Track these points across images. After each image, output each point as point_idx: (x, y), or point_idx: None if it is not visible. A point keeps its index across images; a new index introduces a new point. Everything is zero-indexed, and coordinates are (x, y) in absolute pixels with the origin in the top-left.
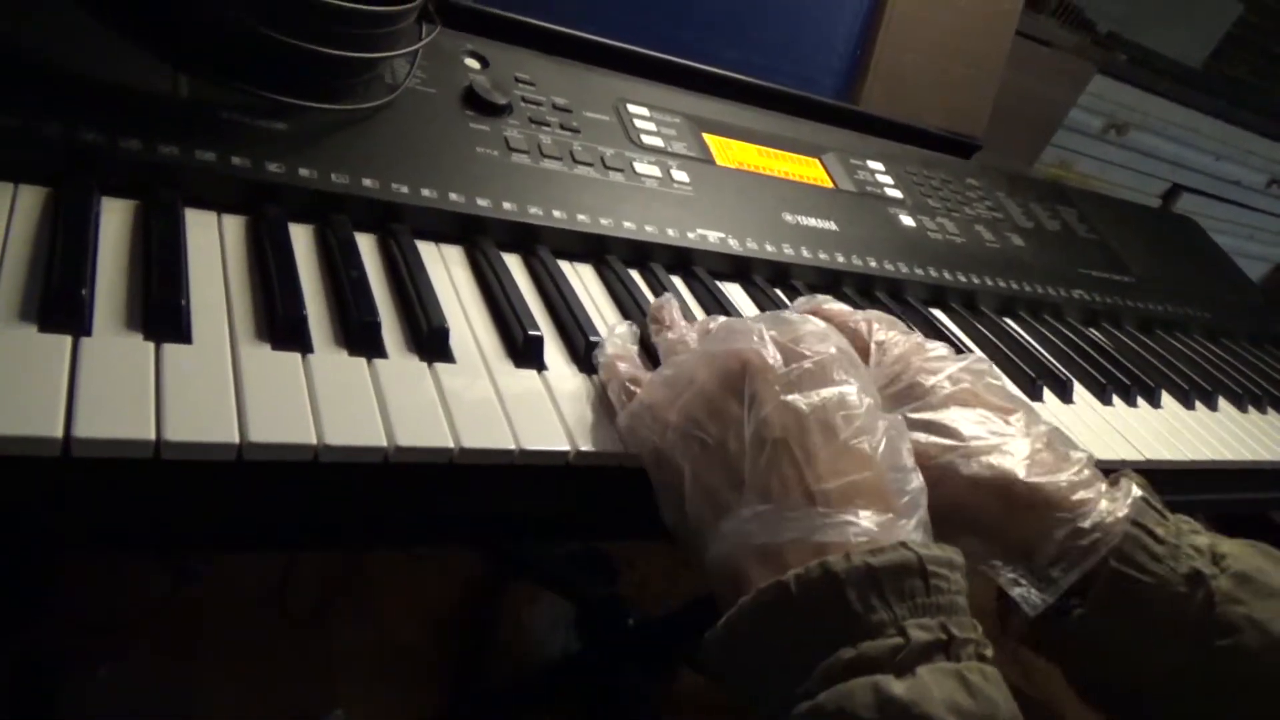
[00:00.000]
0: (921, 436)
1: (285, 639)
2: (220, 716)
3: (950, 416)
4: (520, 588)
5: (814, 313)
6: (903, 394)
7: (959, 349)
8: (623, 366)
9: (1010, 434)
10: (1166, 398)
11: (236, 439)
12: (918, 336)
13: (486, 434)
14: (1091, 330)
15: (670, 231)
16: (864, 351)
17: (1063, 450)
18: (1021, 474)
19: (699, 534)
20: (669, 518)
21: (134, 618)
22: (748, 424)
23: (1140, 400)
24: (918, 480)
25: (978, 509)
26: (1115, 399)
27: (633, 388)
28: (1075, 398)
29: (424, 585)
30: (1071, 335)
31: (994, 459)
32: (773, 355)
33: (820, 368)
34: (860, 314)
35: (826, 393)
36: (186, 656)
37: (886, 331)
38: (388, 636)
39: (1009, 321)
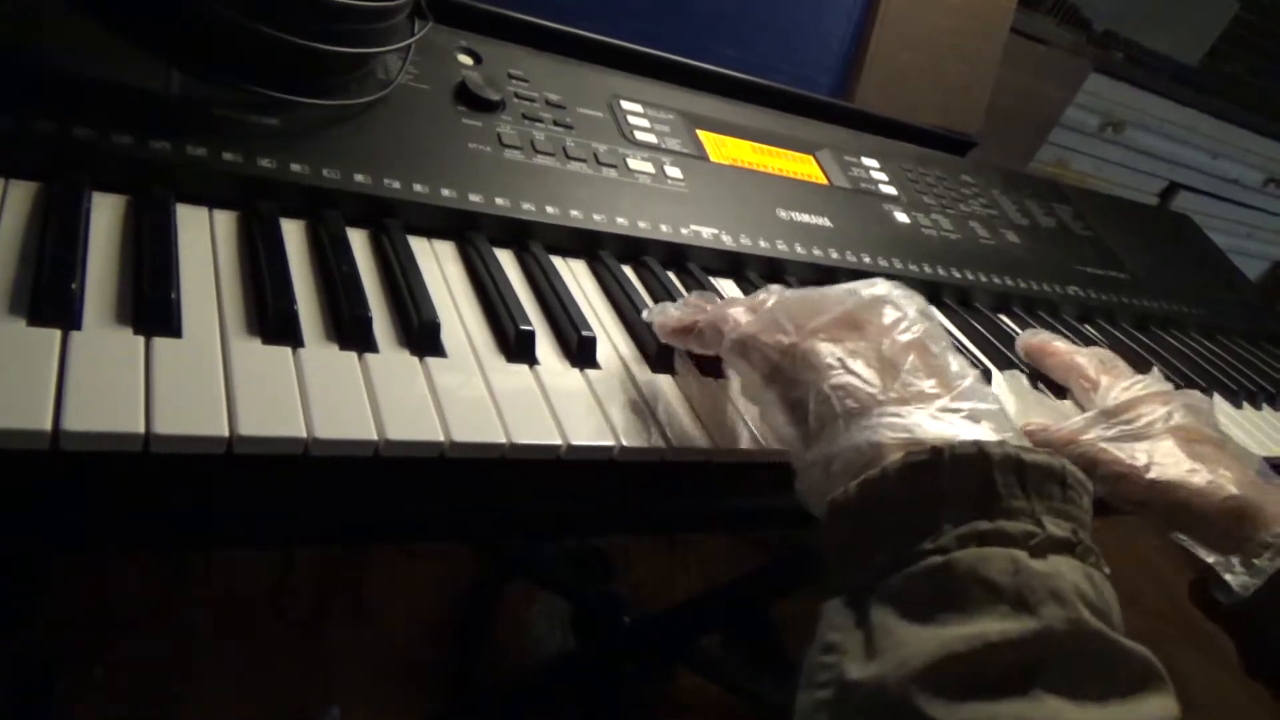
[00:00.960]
0: (1141, 458)
1: (281, 638)
2: (216, 716)
3: (1167, 447)
4: (517, 587)
5: (1038, 349)
6: (1126, 426)
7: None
8: (706, 311)
9: (1222, 460)
10: (1079, 389)
11: (226, 432)
12: (1133, 376)
13: (477, 428)
14: (1087, 327)
15: (664, 227)
16: (1091, 385)
17: (1264, 474)
18: (1235, 490)
19: (823, 430)
20: (781, 422)
21: (129, 617)
22: (885, 341)
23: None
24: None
25: (1192, 517)
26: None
27: (736, 317)
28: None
29: (420, 584)
30: (1067, 332)
31: (1205, 479)
32: (882, 304)
33: (936, 318)
34: (1085, 352)
35: (946, 342)
36: (182, 656)
37: (1111, 370)
38: (384, 635)
39: (1004, 318)
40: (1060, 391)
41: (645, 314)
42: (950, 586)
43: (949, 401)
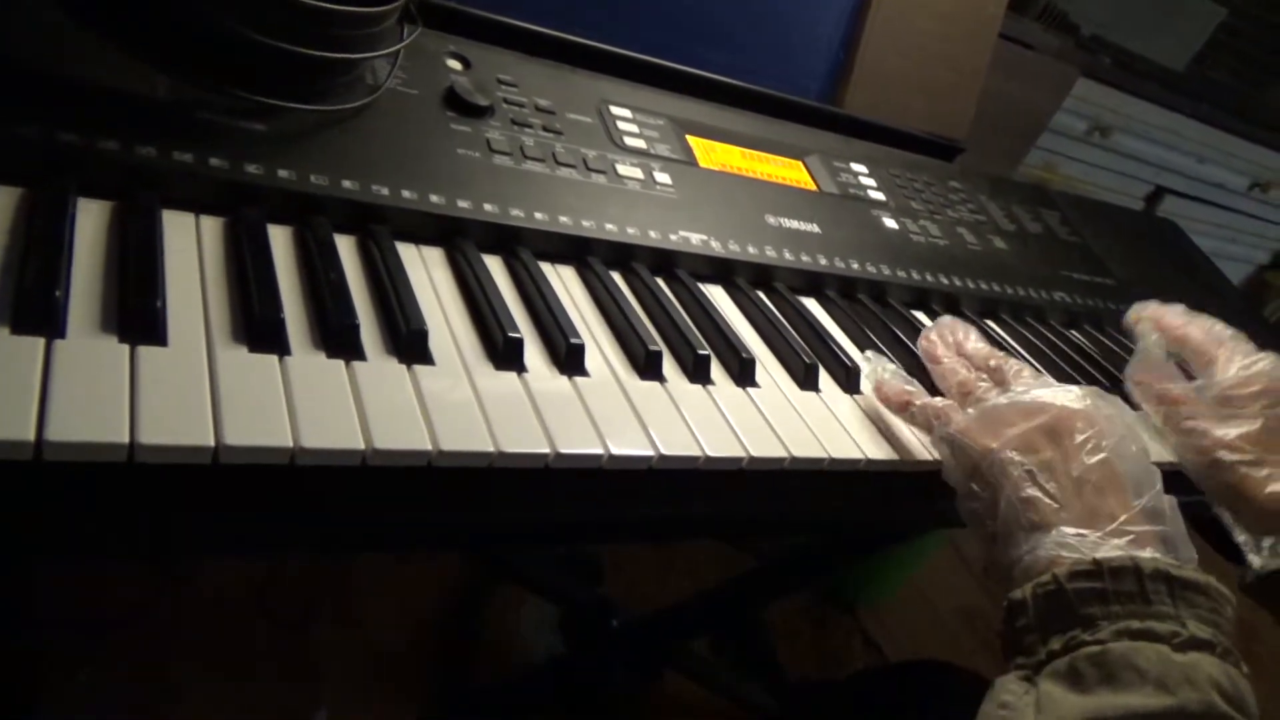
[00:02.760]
0: (1231, 452)
1: (269, 641)
2: (204, 716)
3: (1253, 432)
4: (505, 589)
5: (1153, 318)
6: (1226, 407)
7: None
8: (927, 399)
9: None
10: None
11: (212, 442)
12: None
13: (465, 436)
14: (1073, 332)
15: (652, 233)
16: (1205, 352)
17: None
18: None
19: (1009, 535)
20: (974, 521)
21: (116, 620)
22: (1075, 462)
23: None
24: (1184, 533)
25: (1242, 501)
26: None
27: (947, 414)
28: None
29: (409, 587)
30: (1053, 337)
31: (1268, 471)
32: (1088, 419)
33: (1127, 433)
34: (1199, 325)
35: (1135, 449)
36: (169, 658)
37: (1236, 339)
38: (373, 638)
39: (991, 323)
40: None
41: (863, 363)
42: (1105, 669)
43: (1122, 523)
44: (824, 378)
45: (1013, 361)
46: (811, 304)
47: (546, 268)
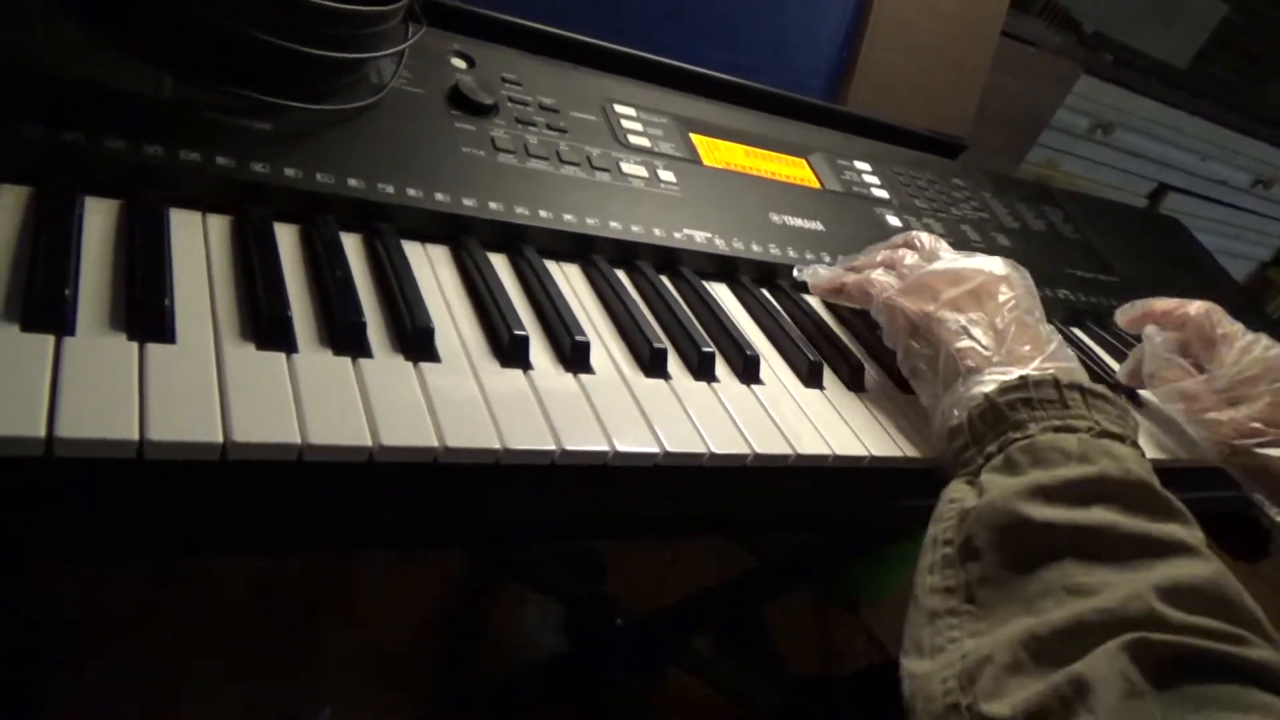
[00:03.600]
0: (1246, 437)
1: (273, 639)
2: (208, 717)
3: (1263, 410)
4: (507, 588)
5: (1143, 315)
6: (1234, 390)
7: None
8: (871, 275)
9: None
10: (1150, 396)
11: (220, 438)
12: (1243, 333)
13: (471, 433)
14: (1076, 330)
15: (657, 231)
16: (1207, 342)
17: None
18: None
19: (949, 383)
20: (916, 377)
21: (122, 619)
22: (998, 317)
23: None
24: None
25: (1270, 479)
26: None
27: (881, 281)
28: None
29: (411, 586)
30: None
31: None
32: (1008, 282)
33: (1026, 296)
34: (1193, 306)
35: (1038, 315)
36: (175, 657)
37: (1228, 324)
38: (375, 637)
39: None
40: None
41: (795, 272)
42: (1034, 455)
43: (1040, 361)
44: (828, 375)
45: (925, 235)
46: (815, 301)
47: (551, 265)
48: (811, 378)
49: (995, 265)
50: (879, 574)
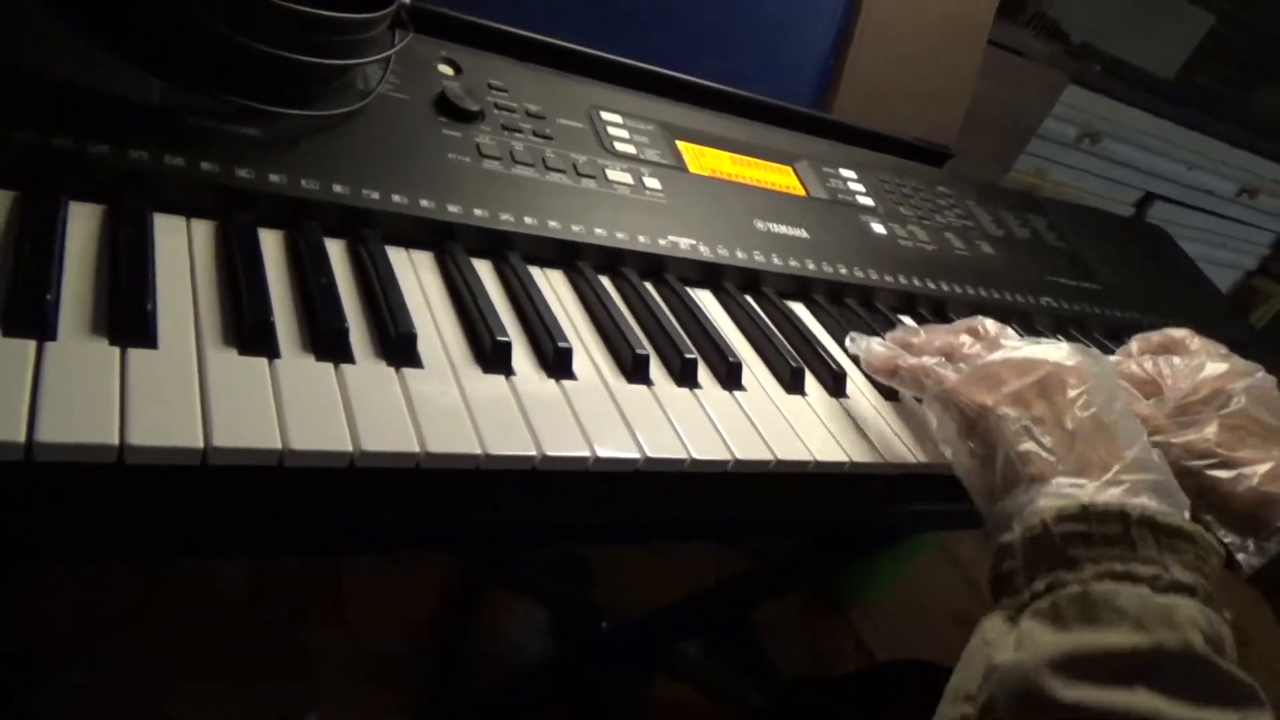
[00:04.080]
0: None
1: (262, 642)
2: (196, 719)
3: (1211, 434)
4: (496, 592)
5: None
6: (1183, 415)
7: None
8: (926, 362)
9: (1264, 450)
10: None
11: (201, 443)
12: (1204, 352)
13: (453, 439)
14: (1060, 337)
15: (642, 238)
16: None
17: None
18: (1257, 483)
19: (1007, 488)
20: (970, 478)
21: (110, 621)
22: (1068, 416)
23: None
24: (1173, 479)
25: (1220, 500)
26: None
27: (938, 372)
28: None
29: (400, 589)
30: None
31: (1251, 480)
32: (1081, 372)
33: (1113, 388)
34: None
35: (1118, 413)
36: (161, 660)
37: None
38: (364, 640)
39: None
40: None
41: (849, 344)
42: (1085, 608)
43: (1116, 473)
44: (810, 381)
45: (989, 321)
46: (799, 308)
47: (536, 272)
48: (794, 384)
49: (1062, 353)
50: (868, 578)
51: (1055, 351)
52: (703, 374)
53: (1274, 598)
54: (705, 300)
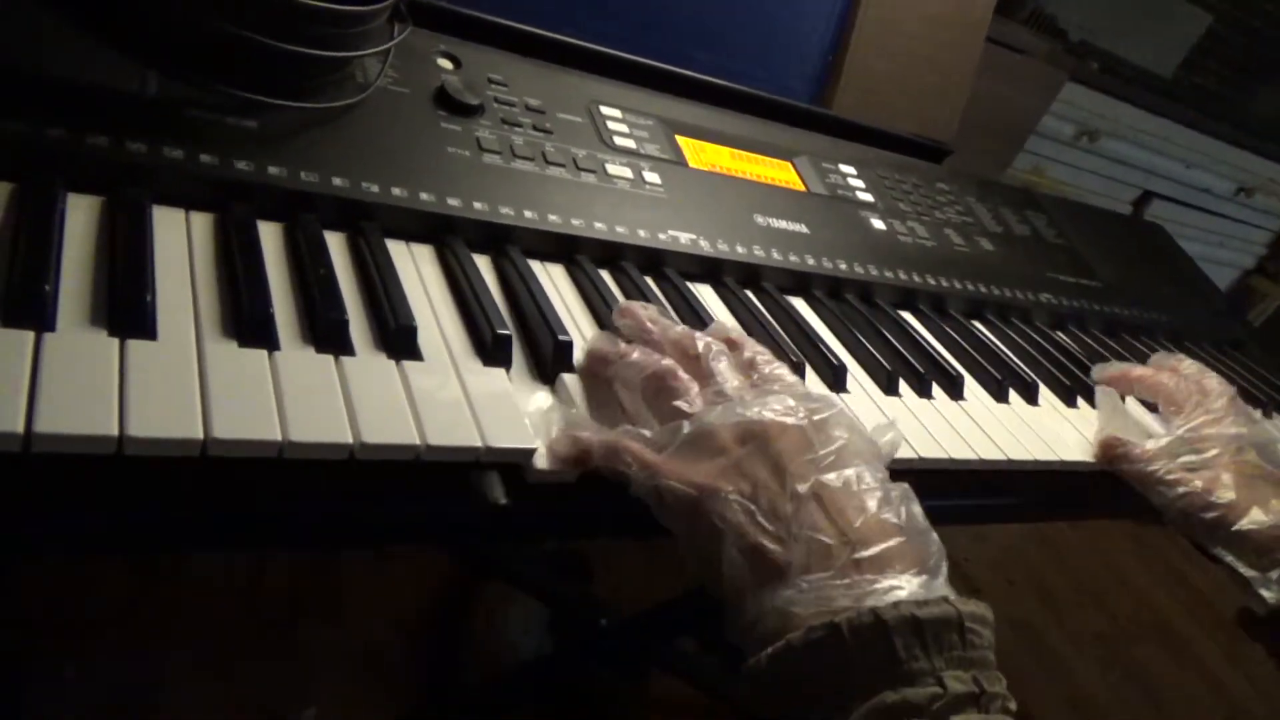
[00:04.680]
0: (1200, 485)
1: (257, 637)
2: (191, 716)
3: (1226, 478)
4: (493, 588)
5: (1119, 380)
6: (1195, 456)
7: (938, 355)
8: (622, 440)
9: (1274, 493)
10: (1130, 401)
11: (200, 435)
12: (1216, 400)
13: (452, 431)
14: (1058, 334)
15: (641, 232)
16: (1177, 409)
17: None
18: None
19: (739, 593)
20: (702, 573)
21: (103, 617)
22: (785, 496)
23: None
24: (935, 538)
25: (1237, 539)
26: (1080, 402)
27: (640, 454)
28: (1041, 400)
29: (397, 585)
30: (1038, 339)
31: (1266, 514)
32: (809, 435)
33: (843, 451)
34: (1171, 375)
35: (849, 472)
36: (156, 656)
37: (1195, 393)
38: (360, 636)
39: (977, 324)
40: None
41: (531, 423)
42: None
43: (853, 554)
44: (810, 376)
45: (713, 347)
46: (799, 304)
47: (536, 266)
48: None
49: (781, 408)
50: None
51: (777, 407)
52: None
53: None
54: (705, 295)
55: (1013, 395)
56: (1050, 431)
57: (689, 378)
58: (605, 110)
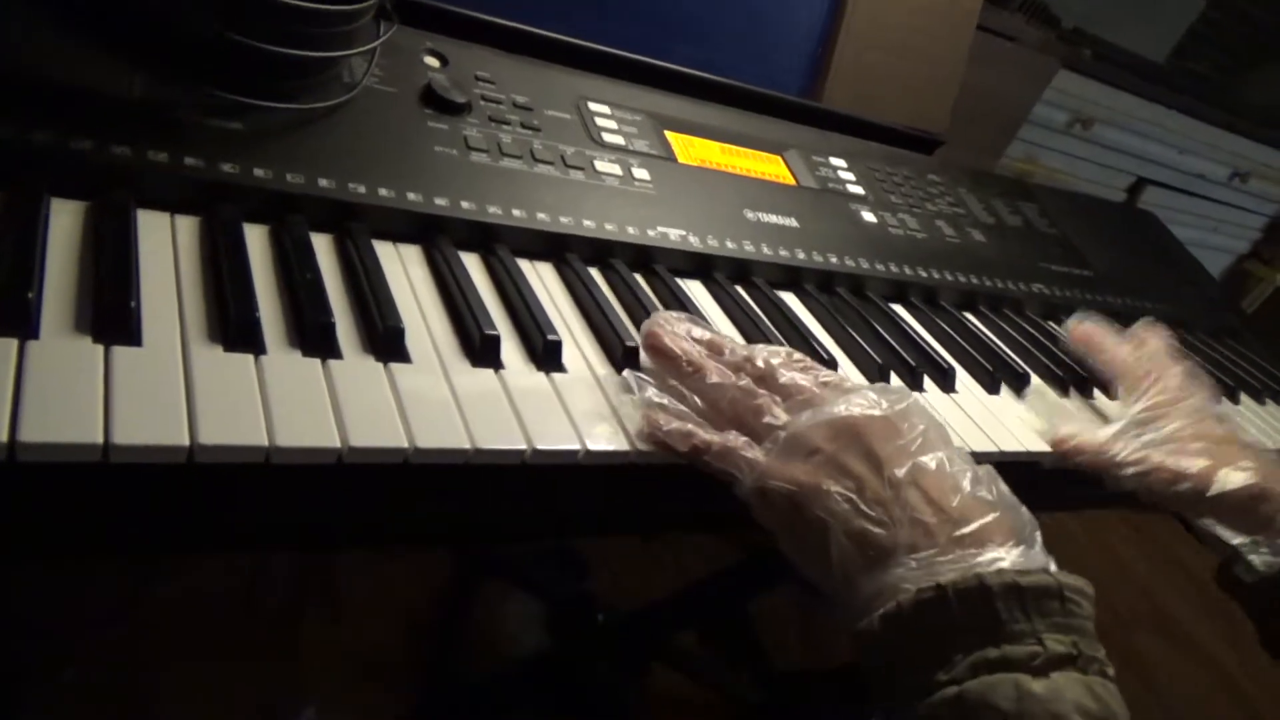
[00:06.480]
0: (1168, 460)
1: (255, 638)
2: (190, 717)
3: (1194, 448)
4: (492, 586)
5: (1084, 340)
6: (1155, 433)
7: (929, 347)
8: (721, 439)
9: (1243, 455)
10: (1123, 390)
11: (187, 441)
12: (1178, 387)
13: (442, 433)
14: (1051, 324)
15: (631, 229)
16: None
17: None
18: (1257, 479)
19: (849, 577)
20: (810, 568)
21: (100, 617)
22: (883, 483)
23: (1096, 392)
24: (1027, 512)
25: (1217, 506)
26: (1072, 391)
27: (750, 456)
28: (1032, 390)
29: (395, 584)
30: (1030, 329)
31: (1239, 474)
32: (895, 424)
33: (927, 436)
34: (1130, 351)
35: (939, 455)
36: (155, 655)
37: (1153, 370)
38: (359, 634)
39: (969, 316)
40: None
41: (627, 396)
42: (964, 713)
43: (955, 531)
44: None
45: (775, 361)
46: (789, 298)
47: (524, 265)
48: None
49: (864, 403)
50: None
51: (859, 402)
52: None
53: (1266, 616)
54: (695, 291)
55: (1004, 387)
56: (1043, 422)
57: (769, 393)
58: (594, 107)
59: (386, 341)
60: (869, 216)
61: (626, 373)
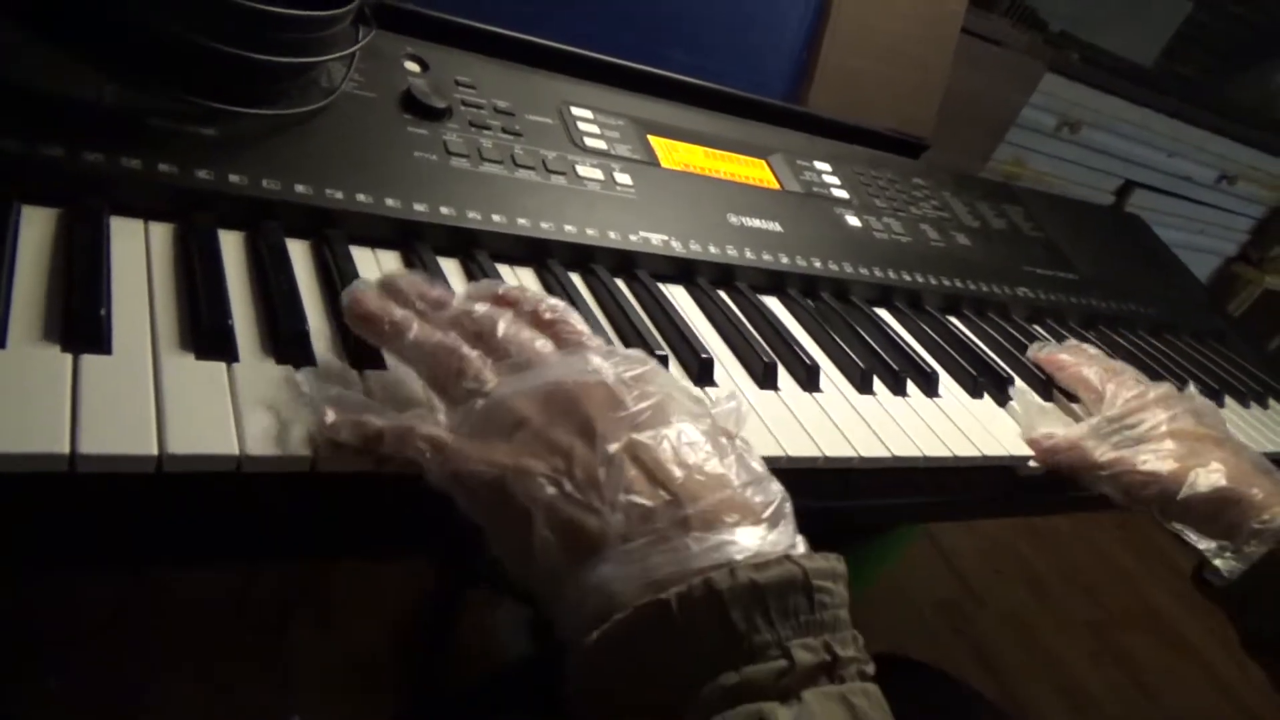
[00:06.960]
0: (1140, 458)
1: (243, 644)
2: None
3: (1166, 447)
4: (479, 593)
5: (1046, 364)
6: (1129, 430)
7: (913, 351)
8: (412, 423)
9: (1217, 455)
10: (1092, 398)
11: (155, 451)
12: (1141, 384)
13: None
14: (1036, 327)
15: (612, 234)
16: (1097, 396)
17: (1261, 467)
18: (1225, 482)
19: (555, 577)
20: (517, 570)
21: (88, 625)
22: (597, 460)
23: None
24: (777, 486)
25: (1187, 509)
26: (1055, 395)
27: (434, 437)
28: (1016, 394)
29: (383, 590)
30: (1015, 333)
31: (1207, 477)
32: (617, 392)
33: (660, 407)
34: (1091, 365)
35: (669, 429)
36: (141, 663)
37: (1117, 378)
38: (347, 642)
39: (954, 320)
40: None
41: (306, 394)
42: None
43: (680, 512)
44: (783, 376)
45: (498, 313)
46: (773, 303)
47: (505, 270)
48: (766, 379)
49: (589, 365)
50: (854, 570)
51: (580, 366)
52: (674, 370)
53: (1238, 619)
54: (678, 296)
55: (987, 391)
56: (1025, 426)
57: (476, 353)
58: (576, 111)
59: (362, 349)
60: (854, 220)
61: (298, 373)
